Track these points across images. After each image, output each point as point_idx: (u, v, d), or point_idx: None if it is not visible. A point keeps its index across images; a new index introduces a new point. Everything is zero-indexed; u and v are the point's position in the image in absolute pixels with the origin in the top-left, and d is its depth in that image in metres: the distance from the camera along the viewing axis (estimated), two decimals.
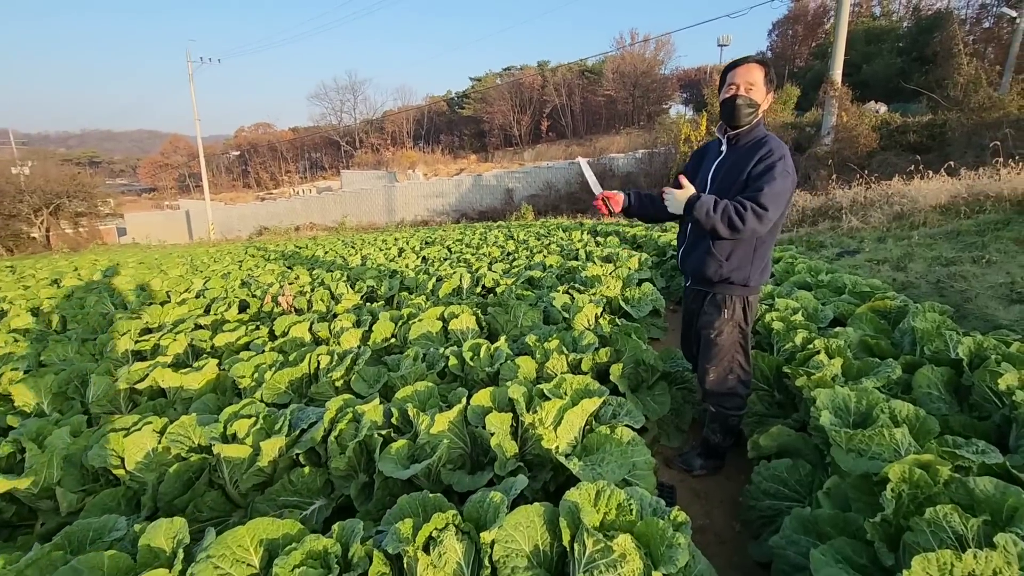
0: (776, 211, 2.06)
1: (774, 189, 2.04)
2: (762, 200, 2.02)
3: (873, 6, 33.85)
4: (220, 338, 3.98)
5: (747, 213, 2.01)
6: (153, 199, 65.08)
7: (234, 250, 14.56)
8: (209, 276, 7.48)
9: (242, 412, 2.44)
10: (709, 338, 2.41)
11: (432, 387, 2.56)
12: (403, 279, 6.28)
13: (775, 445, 2.35)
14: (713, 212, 2.04)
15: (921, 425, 1.96)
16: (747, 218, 2.01)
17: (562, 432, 2.16)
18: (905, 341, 3.14)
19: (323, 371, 3.11)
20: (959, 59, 14.51)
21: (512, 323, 4.00)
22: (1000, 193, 7.59)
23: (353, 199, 31.60)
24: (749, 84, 2.17)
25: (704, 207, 2.05)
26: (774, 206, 2.04)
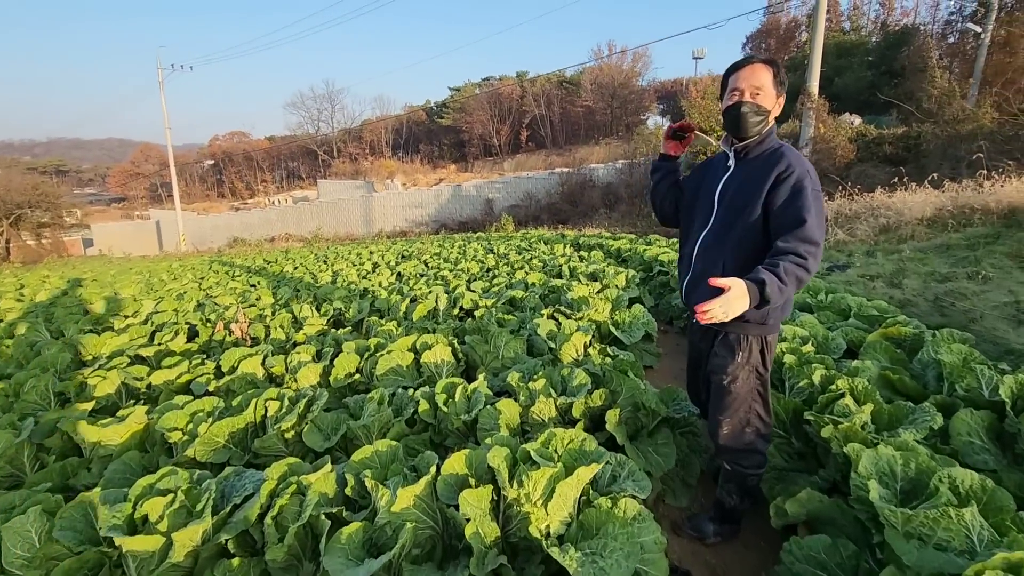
0: (822, 238, 1.72)
1: (813, 216, 1.70)
2: (810, 235, 1.68)
3: (843, 21, 34.65)
4: (158, 375, 3.48)
5: (808, 260, 1.65)
6: (123, 209, 63.07)
7: (198, 265, 13.84)
8: (162, 296, 6.92)
9: (159, 485, 1.97)
10: (721, 385, 2.03)
11: (395, 447, 2.13)
12: (374, 300, 5.83)
13: (804, 512, 1.99)
14: (783, 284, 1.62)
15: (990, 499, 1.61)
16: (810, 264, 1.65)
17: (554, 509, 1.76)
18: (929, 375, 2.83)
19: (271, 420, 2.66)
20: (932, 72, 14.67)
21: (492, 354, 3.59)
22: (987, 206, 7.49)
23: (330, 209, 30.89)
24: (756, 88, 1.83)
25: (774, 286, 1.60)
26: (820, 235, 1.70)
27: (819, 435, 2.22)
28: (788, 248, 1.67)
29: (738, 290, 1.56)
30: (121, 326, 5.25)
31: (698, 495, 2.51)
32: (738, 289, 1.57)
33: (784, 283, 1.61)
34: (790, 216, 1.73)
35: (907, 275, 5.98)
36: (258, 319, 5.19)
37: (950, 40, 24.38)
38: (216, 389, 3.37)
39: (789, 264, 1.63)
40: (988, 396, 2.45)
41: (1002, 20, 17.84)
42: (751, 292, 1.58)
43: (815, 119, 14.95)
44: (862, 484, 1.73)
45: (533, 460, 1.89)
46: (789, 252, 1.66)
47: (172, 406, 2.81)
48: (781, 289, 1.60)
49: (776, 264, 1.63)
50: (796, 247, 1.66)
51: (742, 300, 1.57)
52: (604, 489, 1.98)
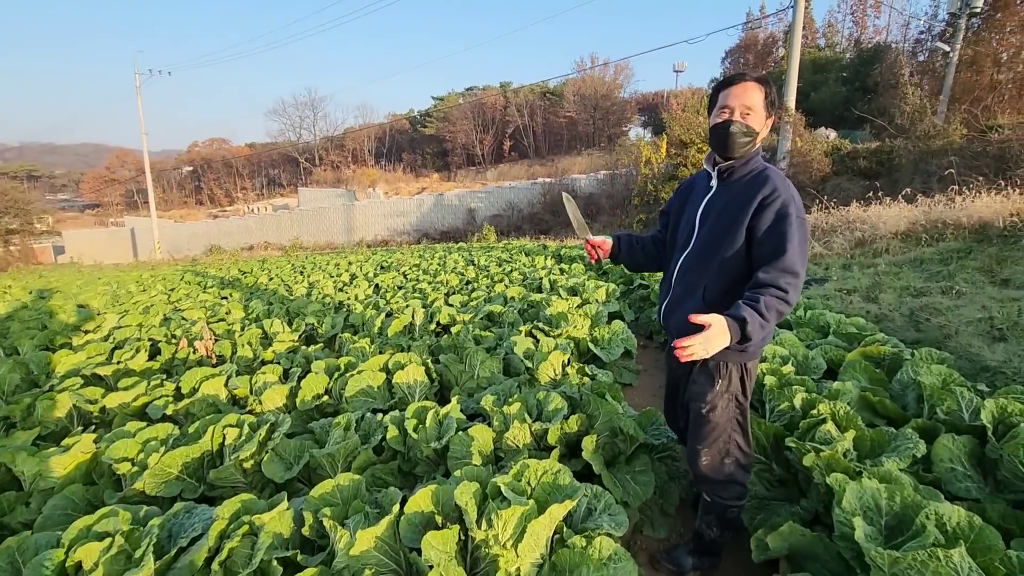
0: (803, 267, 1.66)
1: (795, 246, 1.64)
2: (791, 266, 1.62)
3: (818, 38, 35.57)
4: (113, 398, 3.29)
5: (790, 293, 1.60)
6: (97, 215, 61.51)
7: (170, 275, 13.44)
8: (128, 310, 6.65)
9: (97, 528, 1.81)
10: (700, 413, 1.95)
11: (358, 481, 2.00)
12: (349, 314, 5.66)
13: (786, 546, 1.90)
14: (765, 320, 1.57)
15: (977, 538, 1.54)
16: (790, 298, 1.60)
17: (524, 550, 1.65)
18: (909, 396, 2.79)
19: (229, 449, 2.50)
20: (904, 89, 15.05)
21: (468, 374, 3.47)
22: (958, 221, 7.62)
23: (310, 217, 30.50)
24: (746, 108, 1.75)
25: (755, 322, 1.55)
26: (801, 265, 1.64)
27: (801, 463, 2.15)
28: (769, 280, 1.61)
29: (718, 327, 1.53)
30: (80, 343, 5.00)
31: (677, 524, 2.42)
32: (719, 326, 1.53)
33: (765, 319, 1.56)
34: (772, 244, 1.67)
35: (883, 289, 6.02)
36: (226, 335, 4.98)
37: (920, 58, 25.13)
38: (174, 413, 3.19)
39: (770, 298, 1.58)
40: (969, 420, 2.41)
41: (969, 40, 18.47)
42: (731, 329, 1.53)
43: (792, 133, 15.24)
44: (847, 520, 1.65)
45: (504, 496, 1.78)
46: (770, 285, 1.60)
47: (123, 434, 2.64)
48: (762, 326, 1.56)
49: (757, 299, 1.58)
50: (777, 279, 1.61)
51: (722, 337, 1.53)
52: (579, 526, 1.88)
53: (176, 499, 2.34)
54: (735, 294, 1.73)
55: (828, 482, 1.90)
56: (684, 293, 1.93)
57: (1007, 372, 3.59)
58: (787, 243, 1.64)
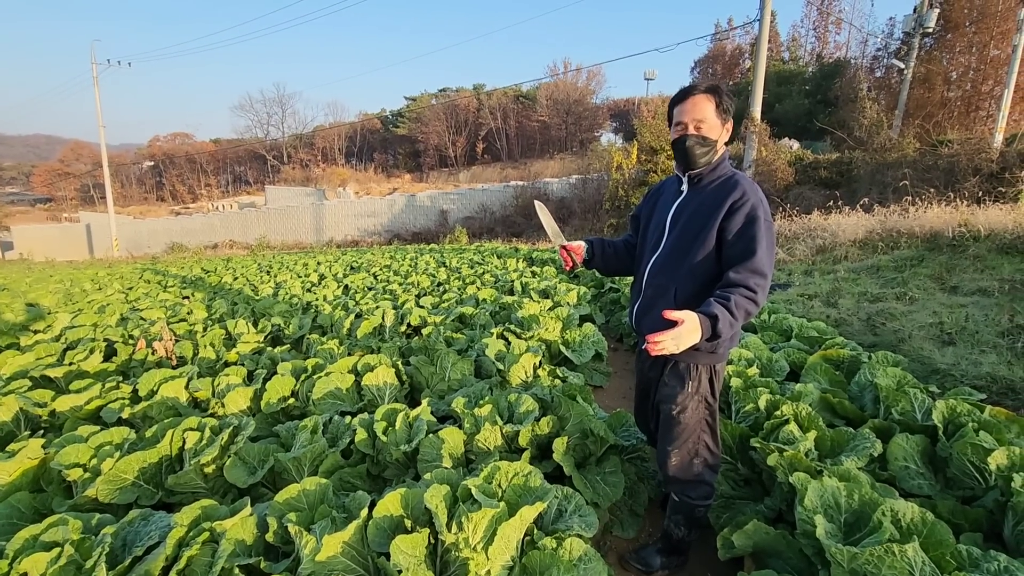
0: (771, 269, 1.72)
1: (763, 248, 1.70)
2: (760, 267, 1.68)
3: (783, 51, 36.81)
4: (64, 401, 3.13)
5: (758, 292, 1.66)
6: (49, 211, 58.67)
7: (128, 273, 12.91)
8: (81, 309, 6.35)
9: (44, 537, 1.72)
10: (670, 414, 1.98)
11: (325, 485, 1.95)
12: (317, 315, 5.55)
13: (751, 544, 1.94)
14: (734, 318, 1.62)
15: (930, 532, 1.61)
16: (759, 298, 1.66)
17: (495, 553, 1.64)
18: (866, 397, 2.90)
19: (189, 453, 2.41)
20: (862, 103, 15.71)
21: (438, 376, 3.45)
22: (911, 230, 7.98)
23: (278, 216, 29.82)
24: (698, 121, 1.82)
25: (725, 320, 1.59)
26: (768, 266, 1.70)
27: (765, 463, 2.20)
28: (739, 280, 1.66)
29: (691, 324, 1.56)
30: (28, 343, 4.74)
31: (646, 524, 2.44)
32: (691, 323, 1.56)
33: (735, 317, 1.61)
34: (742, 246, 1.72)
35: (842, 295, 6.25)
36: (187, 336, 4.81)
37: (877, 74, 26.27)
38: (131, 416, 3.06)
39: (740, 298, 1.63)
40: (921, 420, 2.52)
41: (922, 58, 19.41)
42: (703, 325, 1.58)
43: (757, 142, 15.69)
44: (808, 519, 1.70)
45: (475, 499, 1.77)
46: (740, 285, 1.65)
47: (74, 438, 2.51)
48: (732, 324, 1.61)
49: (727, 298, 1.63)
50: (746, 279, 1.66)
51: (694, 334, 1.57)
52: (549, 527, 1.88)
53: (132, 506, 2.24)
54: (705, 296, 1.76)
55: (791, 481, 1.95)
56: (655, 295, 1.97)
57: (956, 375, 3.77)
58: (756, 245, 1.69)
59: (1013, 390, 3.42)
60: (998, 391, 3.44)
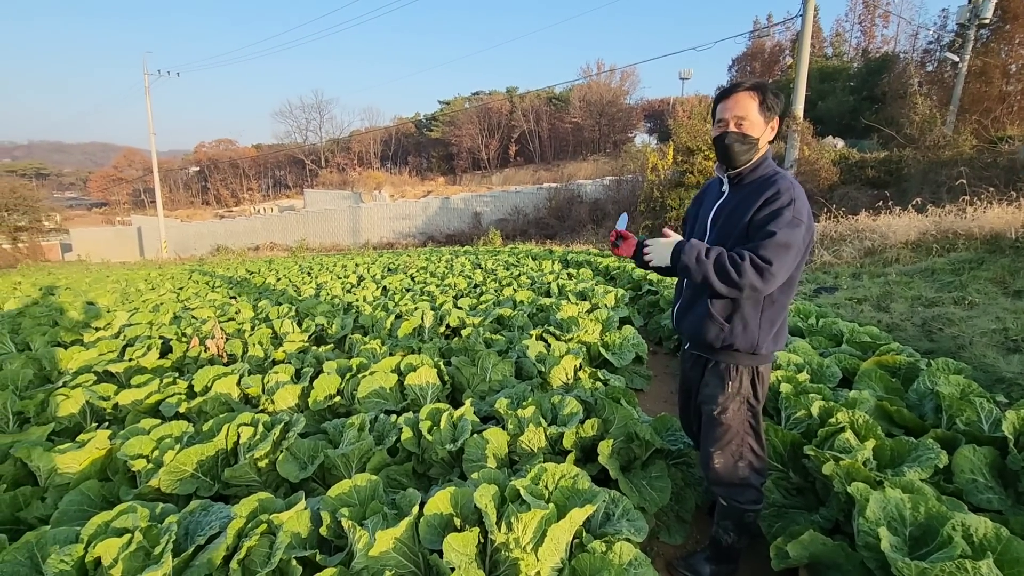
0: (783, 266, 1.67)
1: (779, 240, 1.66)
2: (764, 252, 1.65)
3: (825, 47, 35.60)
4: (126, 395, 3.29)
5: (744, 264, 1.65)
6: (104, 214, 61.93)
7: (178, 274, 13.49)
8: (137, 308, 6.67)
9: (116, 524, 1.81)
10: (712, 415, 1.95)
11: (375, 482, 1.99)
12: (358, 315, 5.67)
13: (807, 555, 1.88)
14: (705, 257, 1.71)
15: (1005, 549, 1.52)
16: (744, 270, 1.65)
17: (544, 554, 1.64)
18: (926, 406, 2.77)
19: (243, 447, 2.50)
20: (914, 99, 15.02)
21: (479, 376, 3.47)
22: (970, 231, 7.58)
23: (316, 219, 30.61)
24: (739, 118, 1.80)
25: (693, 251, 1.73)
26: (780, 260, 1.65)
27: (819, 471, 2.13)
28: (739, 251, 1.71)
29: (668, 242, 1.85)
30: (91, 339, 5.01)
31: (693, 531, 2.40)
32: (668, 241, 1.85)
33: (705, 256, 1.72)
34: (757, 232, 1.73)
35: (894, 299, 5.99)
36: (236, 334, 4.99)
37: (929, 68, 25.03)
38: (187, 411, 3.20)
39: (724, 254, 1.71)
40: (989, 431, 2.39)
41: (978, 51, 18.43)
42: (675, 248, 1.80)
43: (800, 141, 15.21)
44: (871, 531, 1.64)
45: (523, 499, 1.77)
46: (737, 254, 1.70)
47: (137, 431, 2.64)
48: (699, 258, 1.72)
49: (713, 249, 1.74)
50: (744, 252, 1.69)
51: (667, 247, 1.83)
52: (598, 531, 1.87)
53: (191, 497, 2.34)
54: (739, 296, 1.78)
55: (849, 491, 1.88)
56: (694, 296, 1.97)
57: (1023, 384, 3.56)
58: (769, 236, 1.67)
59: None
60: None
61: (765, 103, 1.81)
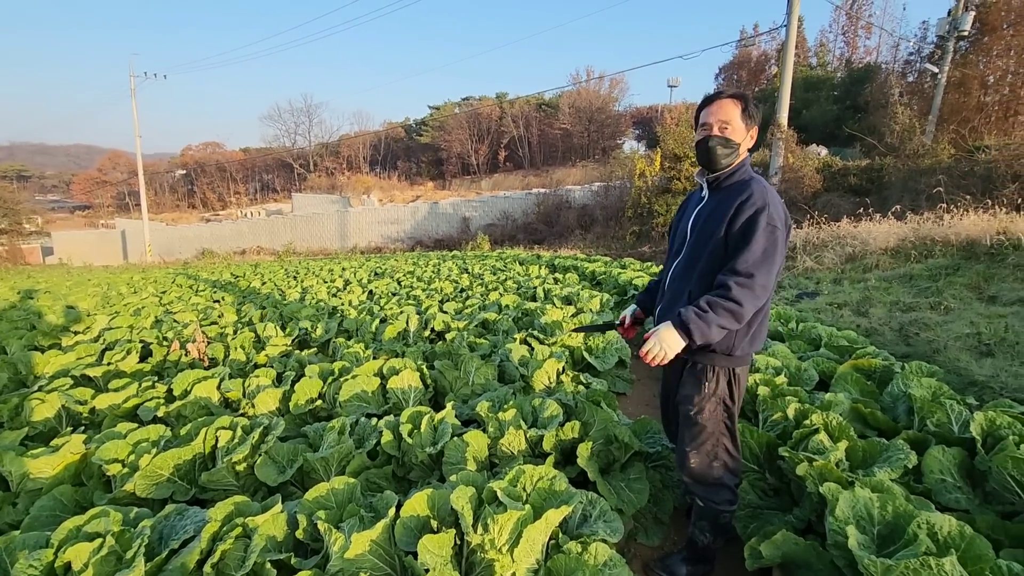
0: (766, 273, 1.72)
1: (755, 250, 1.72)
2: (743, 268, 1.71)
3: (810, 57, 36.20)
4: (103, 399, 3.25)
5: (734, 291, 1.70)
6: (87, 217, 61.01)
7: (161, 278, 13.32)
8: (118, 311, 6.58)
9: (87, 528, 1.79)
10: (688, 415, 1.99)
11: (353, 484, 1.99)
12: (343, 319, 5.64)
13: (779, 555, 1.91)
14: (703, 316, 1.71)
15: (968, 547, 1.56)
16: (736, 295, 1.70)
17: (520, 555, 1.65)
18: (899, 408, 2.83)
19: (222, 451, 2.48)
20: (894, 108, 15.33)
21: (462, 380, 3.47)
22: (947, 238, 7.75)
23: (304, 223, 30.43)
24: (723, 123, 1.87)
25: (692, 316, 1.72)
26: (761, 269, 1.71)
27: (794, 472, 2.17)
28: (720, 281, 1.75)
29: (664, 330, 1.77)
30: (69, 343, 4.94)
31: (670, 533, 2.42)
32: (664, 329, 1.77)
33: (703, 314, 1.71)
34: (735, 248, 1.77)
35: (873, 304, 6.10)
36: (218, 338, 4.94)
37: (909, 79, 25.57)
38: (166, 415, 3.16)
39: (713, 298, 1.72)
40: (958, 432, 2.45)
41: (957, 62, 18.87)
42: (679, 329, 1.74)
43: (784, 149, 15.44)
44: (840, 529, 1.67)
45: (500, 501, 1.78)
46: (719, 286, 1.74)
47: (113, 435, 2.61)
48: (702, 319, 1.71)
49: (700, 300, 1.75)
50: (726, 279, 1.73)
51: (672, 337, 1.76)
52: (574, 532, 1.88)
53: (167, 501, 2.32)
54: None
55: (821, 491, 1.91)
56: (673, 299, 2.01)
57: (995, 387, 3.64)
58: (746, 248, 1.73)
59: None
60: None
61: (747, 111, 1.87)
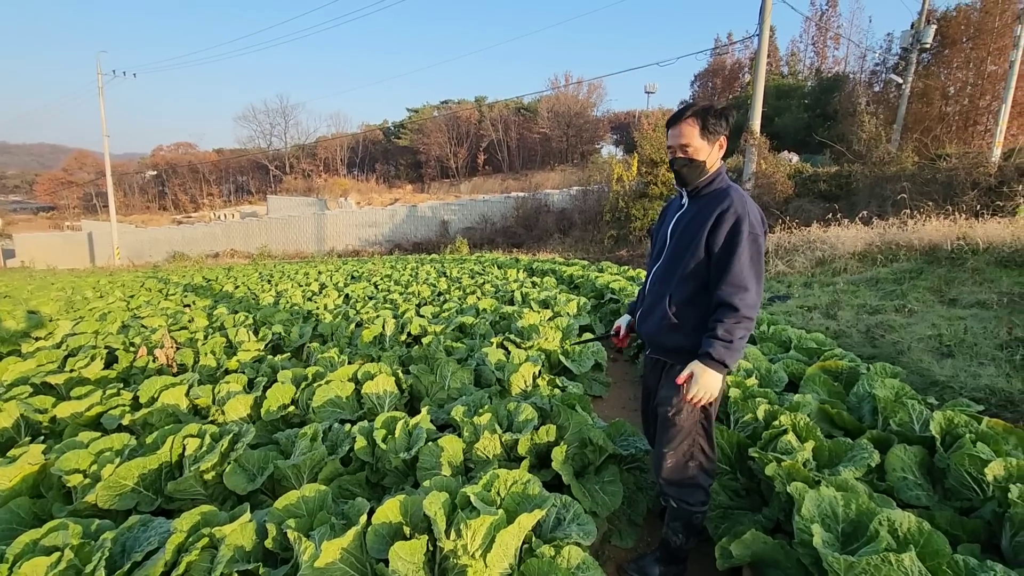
0: (758, 280, 1.80)
1: (744, 261, 1.79)
2: (740, 280, 1.78)
3: (782, 66, 37.13)
4: (65, 407, 3.14)
5: (740, 308, 1.77)
6: (52, 219, 58.92)
7: (129, 281, 12.94)
8: (83, 316, 6.37)
9: (45, 542, 1.73)
10: (666, 416, 2.02)
11: (324, 492, 1.96)
12: (318, 323, 5.56)
13: (749, 554, 1.95)
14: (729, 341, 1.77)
15: (926, 542, 1.61)
16: (744, 311, 1.77)
17: (493, 560, 1.64)
18: (864, 408, 2.91)
19: (189, 460, 2.42)
20: (860, 117, 15.83)
21: (438, 384, 3.46)
22: (910, 243, 8.02)
23: (280, 226, 29.91)
24: (683, 146, 1.93)
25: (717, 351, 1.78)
26: (752, 278, 1.79)
27: (763, 472, 2.21)
28: (721, 299, 1.80)
29: (698, 371, 1.82)
30: (30, 350, 4.76)
31: (644, 535, 2.44)
32: (698, 370, 1.82)
33: (728, 341, 1.77)
34: (724, 261, 1.82)
35: (841, 307, 6.27)
36: (188, 343, 4.82)
37: (876, 88, 26.42)
38: (131, 423, 3.07)
39: (726, 322, 1.78)
40: (919, 431, 2.53)
41: (920, 73, 19.58)
42: (709, 365, 1.80)
43: (757, 156, 15.79)
44: (805, 528, 1.71)
45: (473, 506, 1.78)
46: (721, 304, 1.80)
47: (74, 444, 2.52)
48: (728, 347, 1.77)
49: (715, 328, 1.80)
50: (728, 296, 1.79)
51: (707, 374, 1.81)
52: (548, 535, 1.88)
53: (131, 512, 2.25)
54: (696, 302, 1.91)
55: (789, 491, 1.96)
56: (654, 302, 2.06)
57: (954, 387, 3.78)
58: (735, 259, 1.79)
59: (1011, 402, 3.42)
60: (996, 403, 3.44)
61: (706, 128, 1.90)
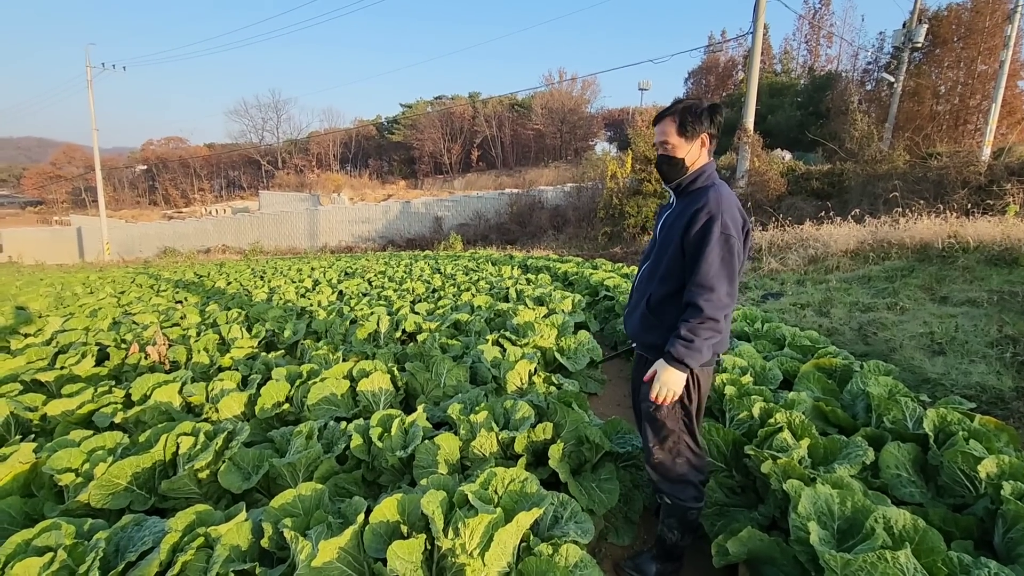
0: (727, 281, 1.79)
1: (712, 262, 1.78)
2: (705, 282, 1.78)
3: (775, 64, 37.24)
4: (56, 405, 3.10)
5: (704, 308, 1.78)
6: (40, 213, 58.10)
7: (120, 277, 12.81)
8: (73, 313, 6.29)
9: (37, 542, 1.70)
10: (648, 412, 2.04)
11: (320, 491, 1.95)
12: (312, 320, 5.53)
13: (745, 551, 1.96)
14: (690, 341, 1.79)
15: (922, 539, 1.63)
16: (707, 311, 1.77)
17: (491, 559, 1.64)
18: (858, 406, 2.93)
19: (183, 458, 2.40)
20: (853, 116, 15.91)
21: (434, 382, 3.45)
22: (902, 241, 8.08)
23: (272, 222, 29.72)
24: (662, 143, 1.96)
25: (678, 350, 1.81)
26: (721, 279, 1.78)
27: (759, 470, 2.22)
28: (687, 299, 1.83)
29: (660, 369, 1.87)
30: (19, 346, 4.69)
31: (641, 532, 2.45)
32: (660, 369, 1.87)
33: (689, 340, 1.79)
34: (693, 260, 1.83)
35: (834, 304, 6.31)
36: (180, 340, 4.78)
37: (868, 87, 26.57)
38: (124, 421, 3.04)
39: (689, 322, 1.80)
40: (912, 429, 2.55)
41: (912, 72, 19.71)
42: (671, 364, 1.83)
43: (751, 153, 15.85)
44: (802, 525, 1.72)
45: (471, 505, 1.77)
46: (689, 305, 1.82)
47: (66, 442, 2.49)
48: (690, 345, 1.79)
49: (679, 328, 1.82)
50: (693, 296, 1.80)
51: (670, 374, 1.84)
52: (545, 534, 1.88)
53: (124, 511, 2.22)
54: (674, 301, 1.91)
55: (785, 488, 1.97)
56: (637, 300, 2.10)
57: (946, 384, 3.82)
58: (703, 260, 1.79)
59: (1002, 399, 3.46)
60: (988, 400, 3.48)
61: (684, 125, 1.91)
